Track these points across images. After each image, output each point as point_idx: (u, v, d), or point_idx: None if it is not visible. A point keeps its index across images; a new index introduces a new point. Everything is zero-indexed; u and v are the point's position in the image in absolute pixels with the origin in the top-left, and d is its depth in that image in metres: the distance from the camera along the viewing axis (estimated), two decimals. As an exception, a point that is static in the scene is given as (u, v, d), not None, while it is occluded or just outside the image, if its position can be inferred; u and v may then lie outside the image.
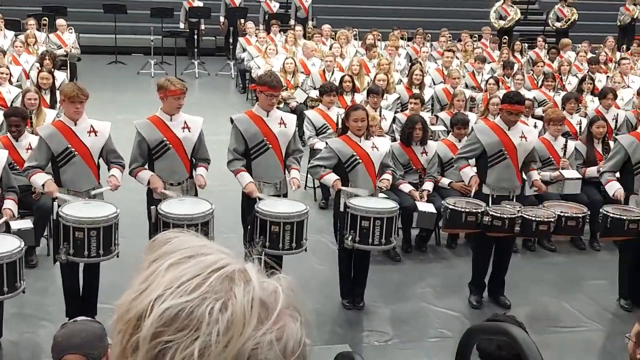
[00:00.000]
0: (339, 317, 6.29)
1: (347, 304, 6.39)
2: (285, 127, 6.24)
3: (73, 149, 5.75)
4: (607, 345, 6.07)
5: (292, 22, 17.22)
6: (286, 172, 6.29)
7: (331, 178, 6.29)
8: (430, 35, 16.20)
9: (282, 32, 15.32)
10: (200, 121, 6.19)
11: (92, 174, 5.86)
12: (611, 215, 6.39)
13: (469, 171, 6.68)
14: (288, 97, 11.35)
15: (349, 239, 6.02)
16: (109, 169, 5.99)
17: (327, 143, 6.69)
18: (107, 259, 5.50)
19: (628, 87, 11.99)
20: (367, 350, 5.78)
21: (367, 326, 6.23)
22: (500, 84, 11.15)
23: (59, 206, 5.52)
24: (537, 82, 12.26)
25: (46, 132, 5.80)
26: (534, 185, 6.79)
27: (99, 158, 5.93)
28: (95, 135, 5.84)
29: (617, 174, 6.79)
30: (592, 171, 7.96)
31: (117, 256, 5.52)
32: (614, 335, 6.04)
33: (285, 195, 6.31)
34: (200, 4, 16.90)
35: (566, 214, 6.49)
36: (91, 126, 5.86)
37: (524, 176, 6.75)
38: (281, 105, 10.05)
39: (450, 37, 15.80)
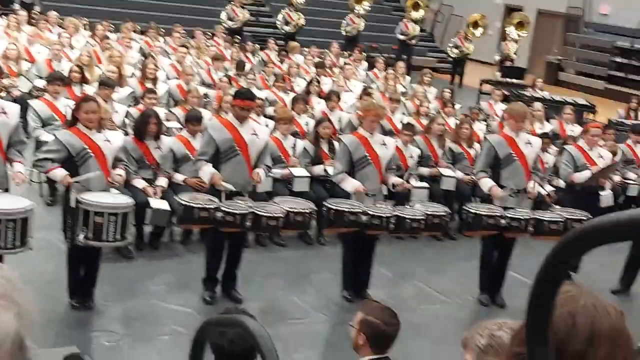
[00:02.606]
0: (66, 318, 6.01)
1: (75, 304, 6.12)
2: (7, 117, 5.83)
3: None
4: (332, 335, 6.40)
5: (15, 5, 16.14)
6: (7, 164, 5.87)
7: (59, 173, 5.98)
8: (163, 30, 16.04)
9: (3, 16, 14.30)
10: None
11: None
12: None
13: (208, 169, 6.66)
14: (10, 85, 10.59)
15: (81, 236, 5.77)
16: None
17: (55, 135, 6.35)
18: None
19: (350, 90, 12.76)
20: (97, 351, 5.59)
21: (97, 326, 6.02)
22: (233, 82, 11.33)
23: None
24: (268, 82, 12.63)
25: None
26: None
27: None
28: None
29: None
30: (318, 169, 8.37)
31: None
32: (339, 324, 6.38)
33: (6, 190, 5.89)
34: None
35: (294, 210, 6.75)
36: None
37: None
38: (3, 94, 9.36)
39: (184, 33, 15.76)
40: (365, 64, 16.53)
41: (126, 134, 8.25)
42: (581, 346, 1.35)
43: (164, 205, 7.11)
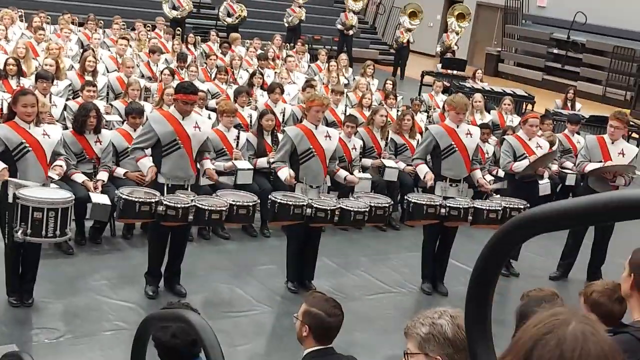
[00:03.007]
0: (5, 316, 5.89)
1: (14, 302, 6.00)
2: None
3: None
4: (276, 326, 6.41)
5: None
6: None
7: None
8: (102, 22, 15.78)
9: None
10: None
11: None
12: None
13: (147, 162, 6.60)
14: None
15: (20, 232, 5.64)
16: None
17: (-11, 129, 6.19)
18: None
19: (294, 83, 12.75)
20: (38, 349, 5.47)
21: (37, 323, 5.90)
22: (175, 75, 11.22)
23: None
24: (211, 75, 12.54)
25: None
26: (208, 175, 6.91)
27: None
28: None
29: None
30: (262, 162, 8.35)
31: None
32: (283, 316, 6.40)
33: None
34: None
35: (238, 203, 6.72)
36: None
37: (198, 165, 6.85)
38: None
39: (124, 25, 15.52)
40: (307, 56, 16.53)
41: (65, 127, 8.11)
42: None
43: (104, 199, 7.01)
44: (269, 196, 6.84)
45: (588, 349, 1.20)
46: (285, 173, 6.86)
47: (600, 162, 7.72)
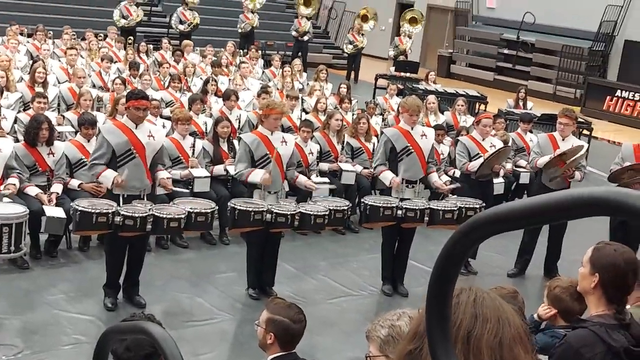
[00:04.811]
0: (-39, 335, 5.77)
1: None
2: None
3: None
4: (238, 334, 6.38)
5: None
6: None
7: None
8: (52, 33, 15.56)
9: None
10: None
11: None
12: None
13: (109, 173, 6.45)
14: None
15: (-29, 248, 5.53)
16: None
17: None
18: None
19: (248, 89, 12.72)
20: (-5, 367, 5.38)
21: (-6, 341, 5.79)
22: (127, 84, 11.11)
23: None
24: (164, 83, 12.45)
25: None
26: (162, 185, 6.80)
27: None
28: None
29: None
30: (218, 169, 8.32)
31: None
32: (244, 323, 6.38)
33: None
34: None
35: (196, 210, 6.68)
36: None
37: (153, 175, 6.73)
38: None
39: (74, 35, 15.33)
40: (261, 62, 16.51)
41: (16, 140, 7.98)
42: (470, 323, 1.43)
43: (59, 212, 6.90)
44: (228, 203, 6.81)
45: (482, 297, 1.48)
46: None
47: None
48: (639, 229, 7.15)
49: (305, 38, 20.71)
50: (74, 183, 7.57)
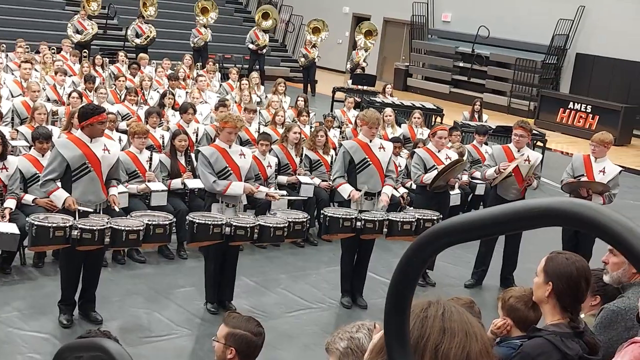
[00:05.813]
0: None
1: None
2: None
3: None
4: (197, 349, 6.32)
5: None
6: None
7: None
8: (5, 45, 15.34)
9: None
10: None
11: None
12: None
13: (61, 193, 6.33)
14: None
15: None
16: None
17: None
18: None
19: (205, 102, 12.68)
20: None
21: (-55, 361, 5.66)
22: (83, 97, 10.99)
23: None
24: (120, 96, 12.34)
25: None
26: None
27: None
28: None
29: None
30: (176, 183, 8.27)
31: None
32: (203, 338, 6.32)
33: None
34: None
35: (154, 222, 6.62)
36: None
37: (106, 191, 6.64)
38: None
39: (28, 48, 15.13)
40: (219, 75, 16.47)
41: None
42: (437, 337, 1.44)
43: (12, 228, 6.77)
44: (187, 217, 6.77)
45: (451, 311, 1.47)
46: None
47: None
48: (590, 239, 7.28)
49: (264, 51, 20.73)
50: (28, 198, 7.45)
